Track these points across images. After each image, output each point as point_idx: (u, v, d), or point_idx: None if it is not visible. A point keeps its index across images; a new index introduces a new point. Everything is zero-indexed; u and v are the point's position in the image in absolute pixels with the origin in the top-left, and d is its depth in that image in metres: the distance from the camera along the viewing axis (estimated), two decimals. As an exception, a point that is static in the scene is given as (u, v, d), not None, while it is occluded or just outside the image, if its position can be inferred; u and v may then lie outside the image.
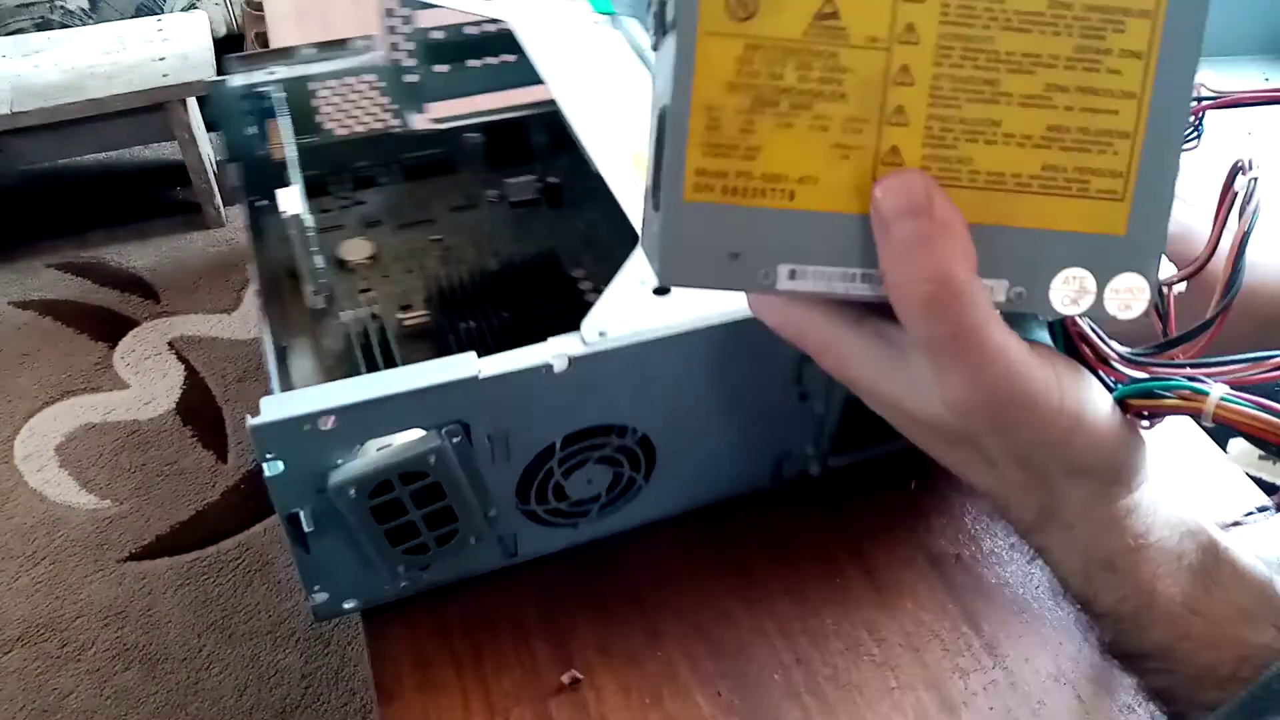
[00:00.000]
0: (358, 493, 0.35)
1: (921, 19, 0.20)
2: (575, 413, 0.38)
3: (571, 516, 0.42)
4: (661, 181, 0.21)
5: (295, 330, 0.53)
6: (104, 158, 1.65)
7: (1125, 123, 0.21)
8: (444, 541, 0.39)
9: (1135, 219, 0.22)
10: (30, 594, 1.05)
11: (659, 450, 0.41)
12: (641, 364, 0.38)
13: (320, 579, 0.39)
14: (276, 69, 0.57)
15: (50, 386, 1.28)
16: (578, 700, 0.39)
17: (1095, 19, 0.21)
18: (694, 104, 0.20)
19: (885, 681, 0.39)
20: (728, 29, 0.20)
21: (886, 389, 0.23)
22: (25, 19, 1.66)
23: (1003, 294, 0.22)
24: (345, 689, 0.97)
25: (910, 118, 0.21)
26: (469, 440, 0.37)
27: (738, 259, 0.21)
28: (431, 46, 0.60)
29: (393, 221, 0.61)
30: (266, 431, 0.34)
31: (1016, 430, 0.22)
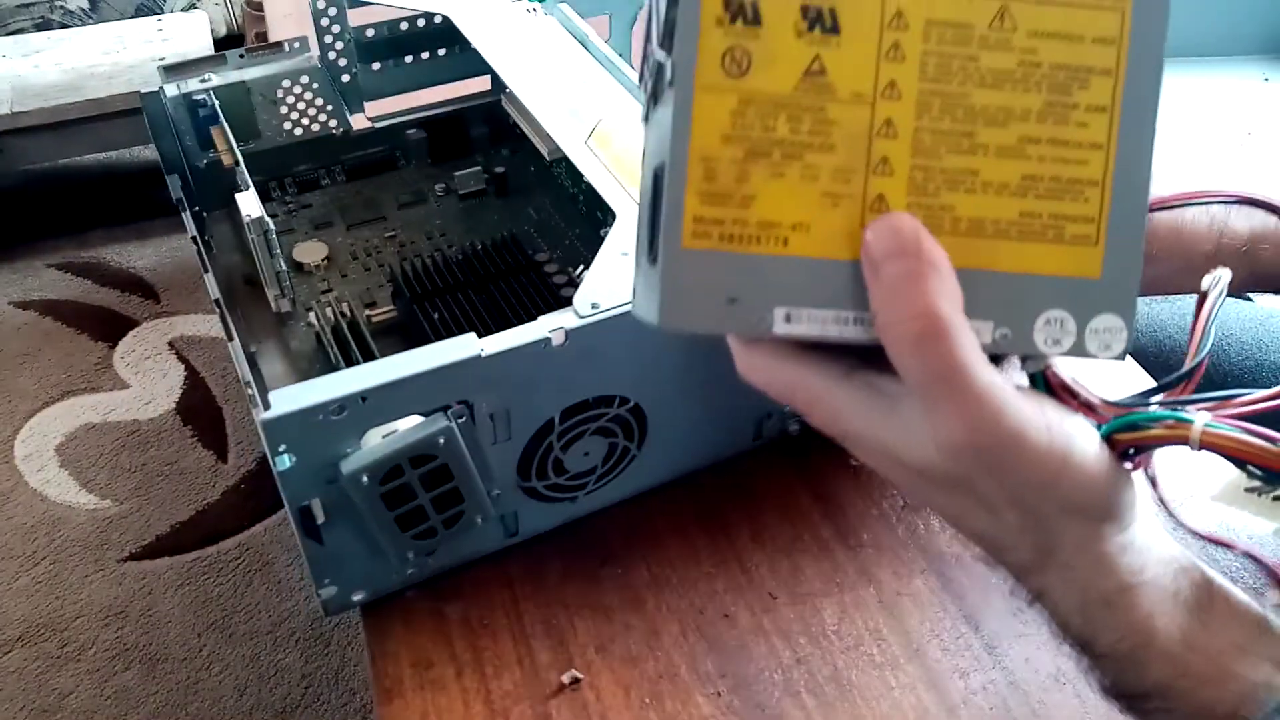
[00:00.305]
0: (370, 479, 0.36)
1: (902, 76, 0.22)
2: (572, 386, 0.40)
3: (570, 490, 0.43)
4: (660, 231, 0.22)
5: (261, 335, 0.53)
6: (104, 158, 1.65)
7: (1094, 171, 0.23)
8: (451, 524, 0.39)
9: (1110, 262, 0.23)
10: (30, 594, 1.05)
11: (650, 418, 0.43)
12: (632, 333, 0.38)
13: (330, 572, 0.40)
14: (211, 76, 0.57)
15: (50, 386, 1.28)
16: (578, 700, 0.39)
17: (1062, 76, 0.22)
18: (691, 155, 0.21)
19: (885, 681, 0.39)
20: (723, 84, 0.21)
21: (879, 439, 0.24)
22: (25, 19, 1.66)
23: (989, 335, 0.23)
24: (345, 689, 0.97)
25: (895, 168, 0.22)
26: (473, 420, 0.38)
27: (735, 304, 0.22)
28: (365, 45, 0.60)
29: (343, 222, 0.61)
30: (278, 425, 0.34)
31: (1008, 470, 0.22)
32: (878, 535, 0.45)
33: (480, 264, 0.55)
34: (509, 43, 0.54)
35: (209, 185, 0.59)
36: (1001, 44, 0.22)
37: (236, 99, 0.58)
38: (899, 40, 0.22)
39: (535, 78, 0.52)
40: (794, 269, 0.22)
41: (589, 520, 0.45)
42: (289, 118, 0.61)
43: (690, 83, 0.21)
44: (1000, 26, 0.22)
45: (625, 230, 0.41)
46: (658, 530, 0.45)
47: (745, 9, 0.21)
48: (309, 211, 0.62)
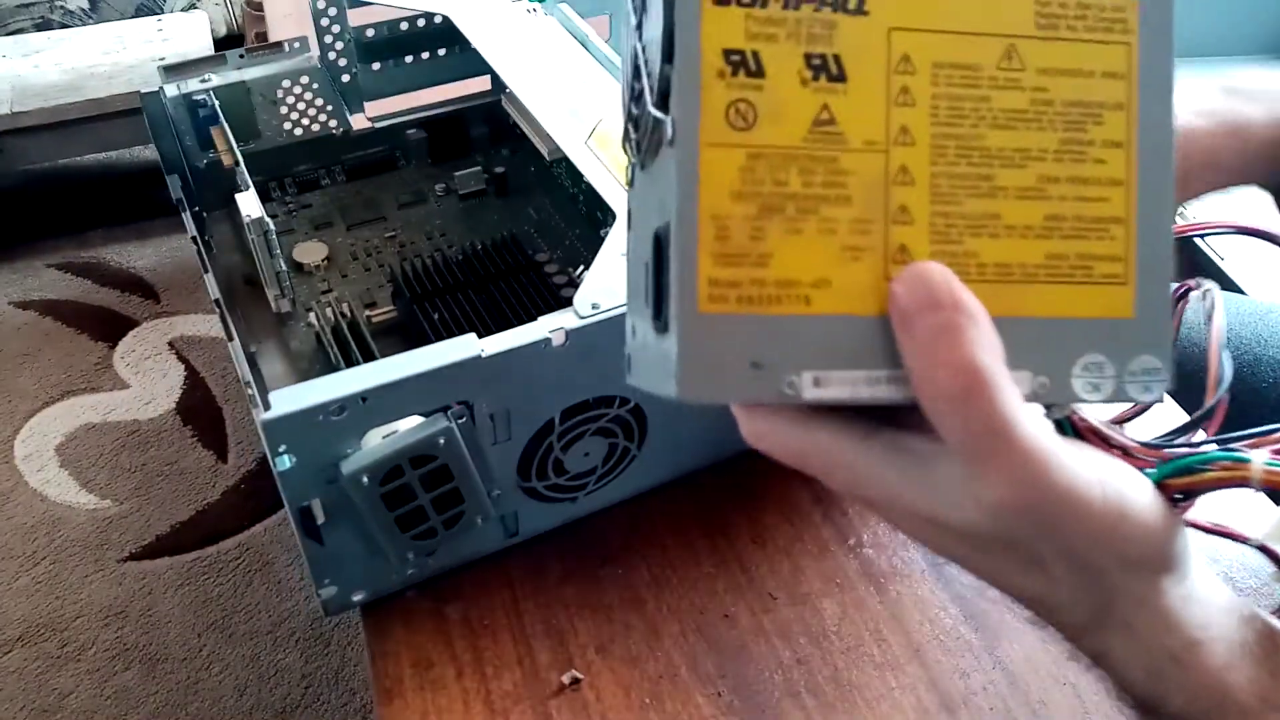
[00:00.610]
0: (370, 479, 0.36)
1: (914, 121, 0.21)
2: (573, 386, 0.40)
3: (570, 491, 0.43)
4: (671, 297, 0.21)
5: (261, 335, 0.53)
6: (104, 158, 1.65)
7: (1117, 208, 0.22)
8: (451, 524, 0.39)
9: (1142, 301, 0.22)
10: (30, 594, 1.05)
11: (650, 418, 0.43)
12: None
13: (330, 573, 0.40)
14: (211, 76, 0.57)
15: (50, 386, 1.28)
16: (578, 700, 0.39)
17: (1075, 113, 0.22)
18: (701, 214, 0.20)
19: (885, 682, 0.39)
20: (729, 139, 0.20)
21: (911, 502, 0.22)
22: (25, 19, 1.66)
23: (1028, 385, 0.22)
24: (345, 689, 0.97)
25: (914, 216, 0.21)
26: (473, 421, 0.37)
27: (760, 369, 0.21)
28: (365, 45, 0.60)
29: (343, 222, 0.61)
30: (278, 425, 0.33)
31: (1062, 528, 0.21)
32: (878, 535, 0.45)
33: (480, 264, 0.55)
34: (509, 43, 0.54)
35: (209, 185, 0.58)
36: (1012, 83, 0.21)
37: (236, 99, 0.58)
38: (907, 84, 0.21)
39: (535, 78, 0.52)
40: (819, 329, 0.21)
41: (589, 520, 0.45)
42: (289, 118, 0.61)
43: (695, 140, 0.20)
44: (1009, 66, 0.21)
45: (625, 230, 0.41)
46: (658, 530, 0.45)
47: (747, 61, 0.20)
48: (309, 211, 0.62)
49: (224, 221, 0.60)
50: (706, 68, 0.20)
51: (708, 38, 0.20)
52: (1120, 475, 0.22)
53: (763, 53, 0.20)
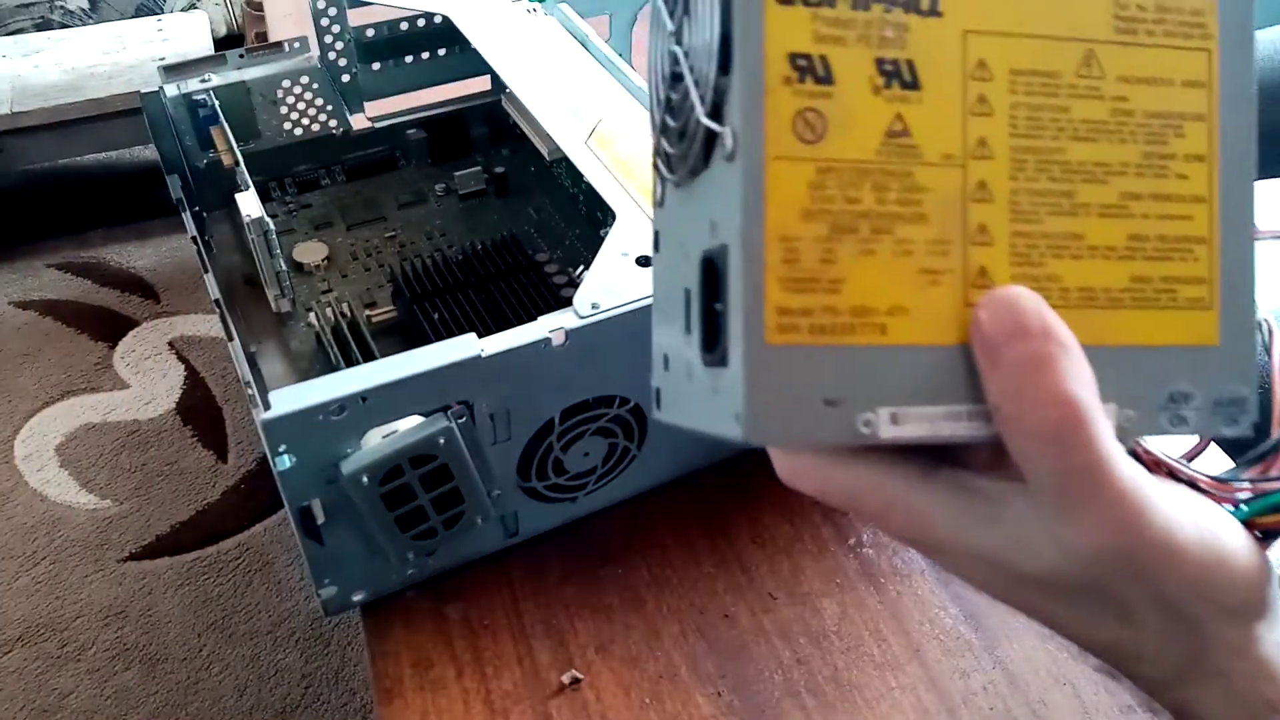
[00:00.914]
0: (370, 479, 0.36)
1: (992, 133, 0.19)
2: (572, 386, 0.39)
3: (570, 491, 0.43)
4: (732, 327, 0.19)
5: (261, 335, 0.53)
6: (104, 158, 1.65)
7: (1200, 228, 0.21)
8: (451, 524, 0.39)
9: (1226, 326, 0.21)
10: (30, 594, 1.05)
11: (650, 418, 0.42)
12: (632, 332, 0.38)
13: (330, 573, 0.40)
14: (211, 76, 0.57)
15: (50, 386, 1.28)
16: (578, 700, 0.39)
17: (1156, 125, 0.20)
18: (767, 235, 0.18)
19: (885, 682, 0.39)
20: (796, 152, 0.19)
21: (979, 545, 0.20)
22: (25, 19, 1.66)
23: (1114, 419, 0.20)
24: (345, 689, 0.97)
25: (994, 236, 0.19)
26: (473, 420, 0.37)
27: (834, 406, 0.19)
28: (365, 45, 0.60)
29: (343, 222, 0.61)
30: (279, 425, 0.33)
31: (1157, 575, 0.20)
32: (878, 535, 0.45)
33: (480, 264, 0.55)
34: (509, 43, 0.54)
35: (209, 185, 0.59)
36: (1091, 92, 0.20)
37: (236, 99, 0.58)
38: (984, 93, 0.19)
39: (535, 78, 0.52)
40: (896, 361, 0.19)
41: (589, 520, 0.45)
42: (289, 118, 0.61)
43: (760, 152, 0.18)
44: (1088, 73, 0.20)
45: (625, 230, 0.41)
46: (658, 530, 0.45)
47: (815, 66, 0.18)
48: (309, 211, 0.62)
49: (224, 221, 0.60)
50: (771, 73, 0.18)
51: (772, 40, 0.18)
52: (1214, 517, 0.20)
53: (831, 57, 0.19)
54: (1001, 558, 0.20)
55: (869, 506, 0.21)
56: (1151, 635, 0.21)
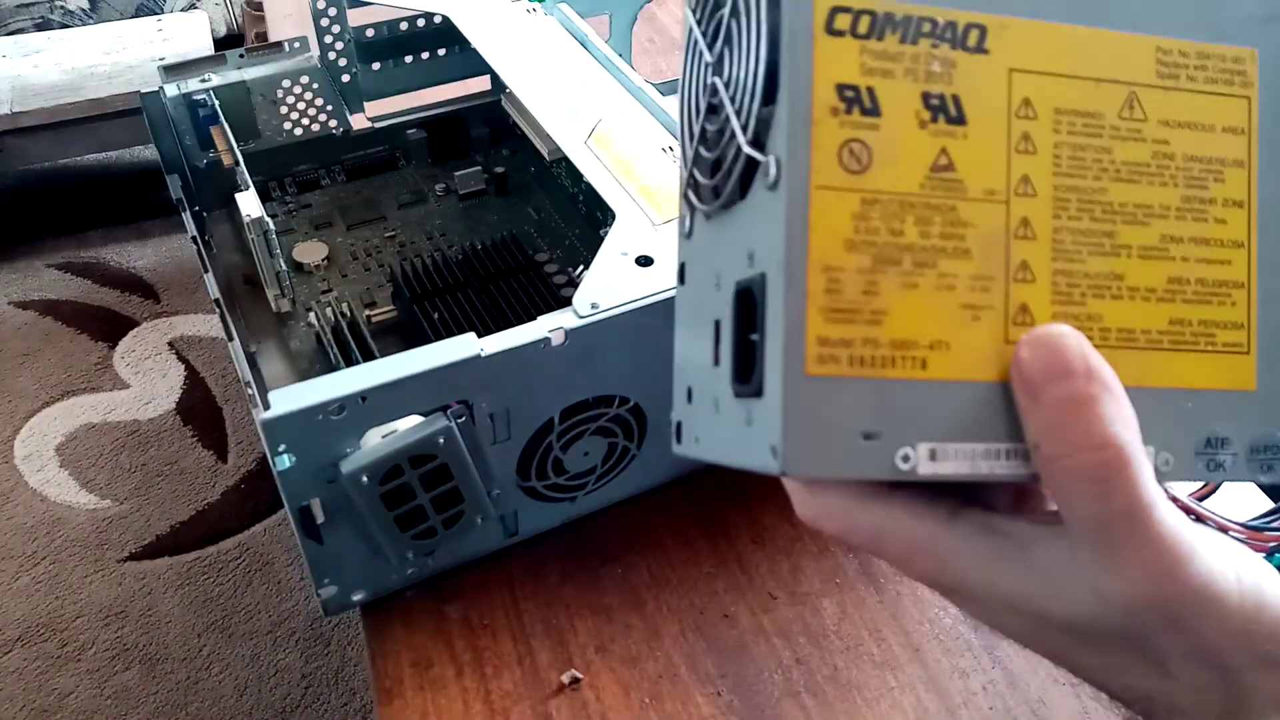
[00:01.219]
0: (370, 479, 0.36)
1: (1035, 171, 0.20)
2: (572, 386, 0.39)
3: (569, 490, 0.43)
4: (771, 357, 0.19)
5: (261, 335, 0.53)
6: (104, 158, 1.65)
7: (1238, 273, 0.21)
8: (451, 524, 0.39)
9: (1264, 372, 0.21)
10: (30, 594, 1.05)
11: (650, 418, 0.42)
12: (631, 332, 0.38)
13: (329, 572, 0.40)
14: (211, 76, 0.57)
15: (50, 386, 1.28)
16: (577, 700, 0.39)
17: (1196, 169, 0.21)
18: (810, 264, 0.18)
19: (885, 681, 0.39)
20: (841, 183, 0.19)
21: (1007, 590, 0.20)
22: (25, 19, 1.66)
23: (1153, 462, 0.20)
24: (345, 689, 0.97)
25: (1036, 274, 0.20)
26: (472, 420, 0.37)
27: (873, 440, 0.19)
28: (365, 45, 0.60)
29: (343, 222, 0.61)
30: (278, 425, 0.33)
31: (1197, 625, 0.19)
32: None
33: (480, 264, 0.55)
34: (509, 43, 0.54)
35: (209, 185, 0.59)
36: (1134, 134, 0.20)
37: (237, 99, 0.58)
38: (1029, 131, 0.19)
39: (535, 78, 0.52)
40: (936, 396, 0.19)
41: (589, 520, 0.45)
42: (289, 118, 0.61)
43: (805, 181, 0.18)
44: (1130, 116, 0.20)
45: (624, 230, 0.41)
46: (658, 530, 0.45)
47: (862, 97, 0.19)
48: (309, 211, 0.62)
49: (224, 221, 0.61)
50: (819, 103, 0.18)
51: (821, 71, 0.18)
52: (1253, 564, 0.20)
53: (878, 89, 0.19)
54: (1030, 603, 0.20)
55: (893, 548, 0.21)
56: (1187, 687, 0.20)
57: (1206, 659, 0.20)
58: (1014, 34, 0.19)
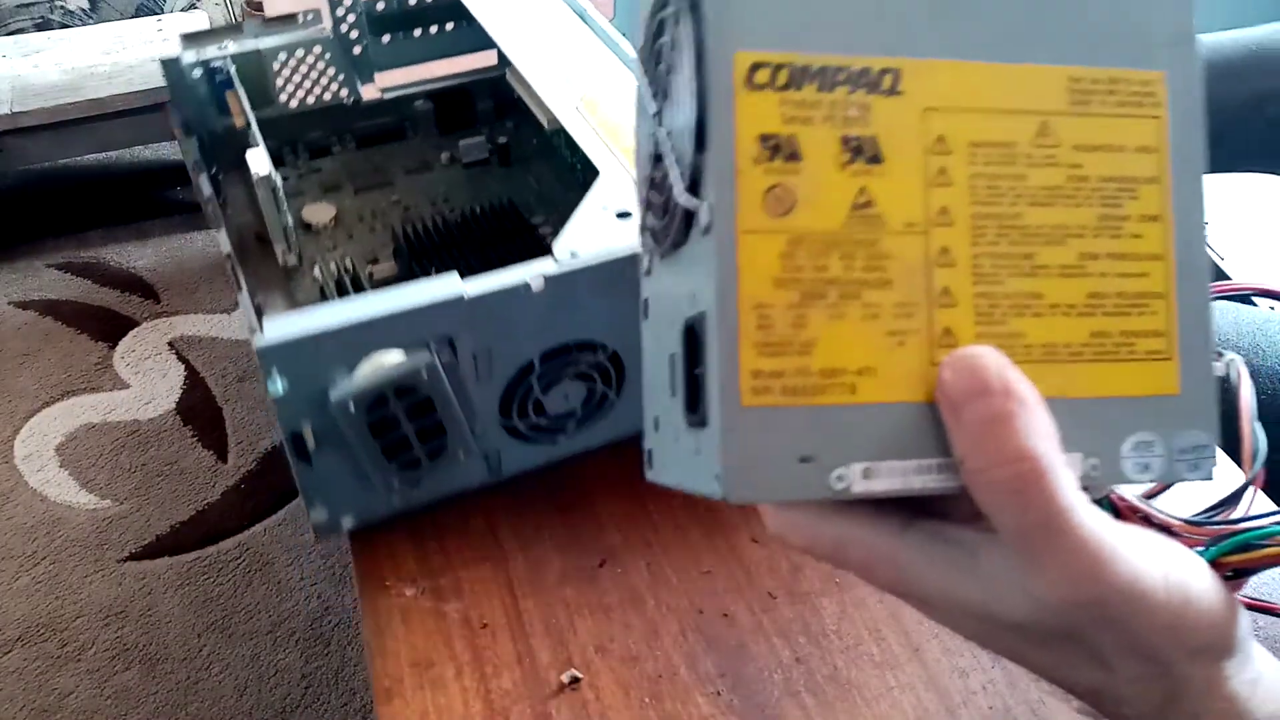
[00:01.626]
0: (356, 407, 0.37)
1: (953, 201, 0.21)
2: (551, 330, 0.41)
3: (550, 432, 0.45)
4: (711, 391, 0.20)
5: (268, 289, 0.55)
6: (104, 158, 1.65)
7: (1157, 283, 0.22)
8: (435, 455, 0.41)
9: (1186, 376, 0.22)
10: (30, 594, 1.05)
11: (628, 366, 0.44)
12: (609, 281, 0.40)
13: (319, 496, 0.41)
14: (228, 44, 0.59)
15: (50, 386, 1.28)
16: (577, 699, 0.39)
17: (1111, 188, 0.21)
18: (741, 303, 0.20)
19: (885, 681, 0.39)
20: (767, 225, 0.20)
21: (958, 595, 0.21)
22: (25, 19, 1.66)
23: (1079, 468, 0.21)
24: (345, 689, 0.97)
25: (958, 298, 0.21)
26: (455, 357, 0.39)
27: (809, 463, 0.20)
28: (376, 18, 0.62)
29: (351, 186, 0.63)
30: (273, 352, 0.36)
31: (1126, 621, 0.20)
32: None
33: (478, 225, 0.57)
34: (513, 18, 0.56)
35: (225, 149, 0.61)
36: (1048, 160, 0.21)
37: (252, 66, 0.60)
38: (944, 165, 0.21)
39: (538, 52, 0.53)
40: (867, 418, 0.20)
41: (588, 520, 0.45)
42: (303, 86, 0.63)
43: (732, 227, 0.20)
44: (1044, 142, 0.21)
45: (607, 186, 0.42)
46: (657, 529, 0.45)
47: (783, 145, 0.20)
48: (319, 176, 0.64)
49: (238, 184, 0.63)
50: (742, 153, 0.20)
51: (743, 122, 0.20)
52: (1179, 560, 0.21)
53: (799, 137, 0.20)
54: (981, 607, 0.21)
55: (854, 559, 0.22)
56: (1126, 679, 0.21)
57: (1140, 653, 0.21)
58: (927, 75, 0.21)
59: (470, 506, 0.46)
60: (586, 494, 0.47)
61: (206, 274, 1.46)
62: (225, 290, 1.42)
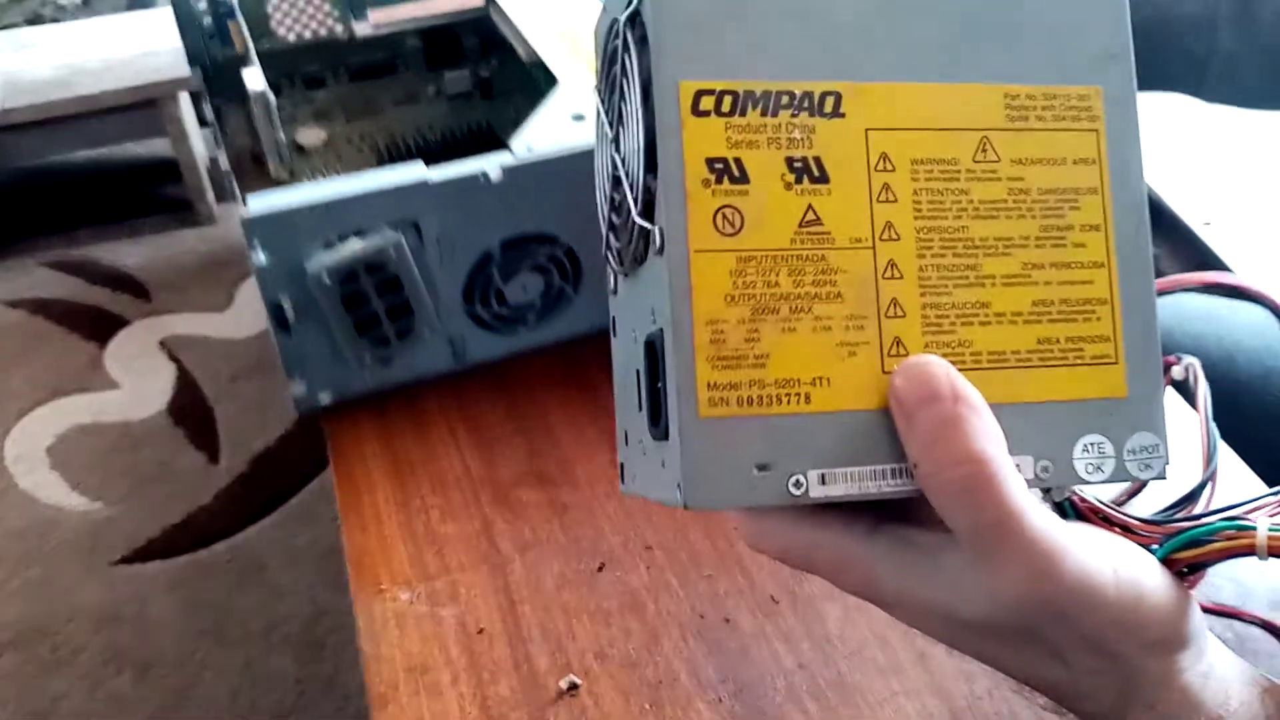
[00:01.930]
0: (330, 278, 0.42)
1: (897, 217, 0.22)
2: (510, 220, 0.45)
3: (511, 322, 0.49)
4: (670, 404, 0.21)
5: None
6: (95, 154, 1.63)
7: (1101, 290, 0.23)
8: (403, 335, 0.45)
9: (1133, 379, 0.23)
10: (21, 597, 1.04)
11: (584, 263, 0.48)
12: (564, 177, 0.44)
13: (299, 369, 0.45)
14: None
15: (41, 386, 1.27)
16: (576, 706, 0.38)
17: (1052, 200, 0.22)
18: (696, 319, 0.20)
19: (889, 686, 0.39)
20: (717, 244, 0.21)
21: (922, 596, 0.22)
22: (16, 14, 1.65)
23: (1031, 470, 0.22)
24: (339, 694, 0.96)
25: (906, 309, 0.21)
26: (421, 241, 0.44)
27: (766, 471, 0.21)
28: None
29: (343, 115, 0.68)
30: (257, 224, 0.40)
31: (1078, 617, 0.21)
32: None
33: (456, 145, 0.62)
34: None
35: (225, 79, 0.64)
36: (989, 175, 0.22)
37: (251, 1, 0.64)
38: (888, 182, 0.21)
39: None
40: (821, 426, 0.21)
41: (587, 522, 0.45)
42: (299, 21, 0.66)
43: (684, 247, 0.20)
44: (984, 158, 0.22)
45: (565, 91, 0.47)
46: (657, 532, 0.45)
47: (730, 168, 0.21)
48: (313, 105, 0.68)
49: (238, 113, 0.66)
50: (691, 176, 0.20)
51: (690, 146, 0.20)
52: (1130, 557, 0.22)
53: (745, 159, 0.21)
54: (944, 607, 0.22)
55: (824, 564, 0.23)
56: (1083, 672, 0.22)
57: (1094, 647, 0.22)
58: (868, 97, 0.21)
59: (471, 511, 0.45)
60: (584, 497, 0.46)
61: (198, 272, 1.45)
62: (217, 289, 1.41)
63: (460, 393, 0.50)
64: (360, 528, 0.44)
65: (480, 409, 0.50)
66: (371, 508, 0.45)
